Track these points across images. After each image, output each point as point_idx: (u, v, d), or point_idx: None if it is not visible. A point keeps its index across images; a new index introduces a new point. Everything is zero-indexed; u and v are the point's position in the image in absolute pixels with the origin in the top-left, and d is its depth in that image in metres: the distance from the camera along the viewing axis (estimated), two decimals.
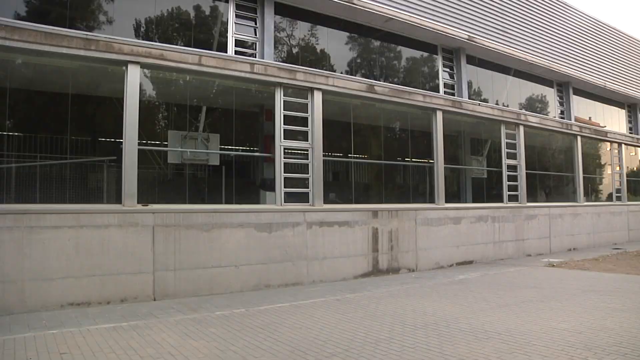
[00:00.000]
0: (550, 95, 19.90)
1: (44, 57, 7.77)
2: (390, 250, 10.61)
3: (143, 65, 8.12)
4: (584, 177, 16.78)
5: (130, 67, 7.90)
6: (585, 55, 20.06)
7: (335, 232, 9.77)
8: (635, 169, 21.45)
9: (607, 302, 7.37)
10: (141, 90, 8.29)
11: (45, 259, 6.94)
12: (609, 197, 19.00)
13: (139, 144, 7.93)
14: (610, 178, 19.08)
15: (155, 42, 9.71)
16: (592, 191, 19.19)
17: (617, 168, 18.88)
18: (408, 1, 13.73)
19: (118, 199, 7.94)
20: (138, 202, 7.80)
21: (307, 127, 9.78)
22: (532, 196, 14.87)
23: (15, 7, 9.61)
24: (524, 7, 17.56)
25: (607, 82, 20.89)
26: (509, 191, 13.73)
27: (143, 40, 10.11)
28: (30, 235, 6.88)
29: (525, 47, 17.23)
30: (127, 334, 5.63)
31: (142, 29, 11.07)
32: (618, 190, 18.79)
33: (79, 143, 11.48)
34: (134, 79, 7.93)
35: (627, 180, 19.09)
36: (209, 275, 8.21)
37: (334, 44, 13.49)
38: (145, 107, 10.71)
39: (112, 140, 11.62)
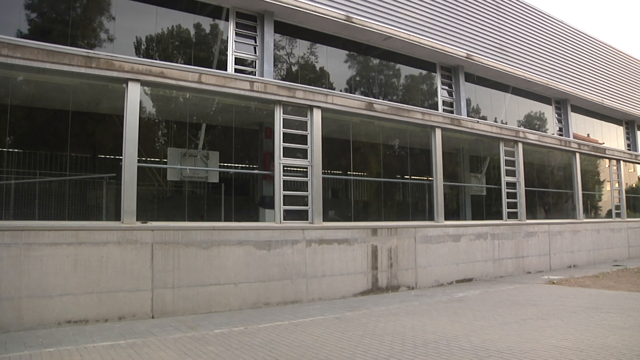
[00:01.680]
0: (549, 112, 20.00)
1: (46, 75, 7.82)
2: (389, 267, 10.58)
3: (143, 83, 8.16)
4: (583, 194, 16.78)
5: (130, 84, 7.95)
6: (583, 72, 20.21)
7: (335, 250, 9.74)
8: (634, 185, 21.48)
9: (608, 319, 7.33)
10: (141, 108, 8.32)
11: (43, 275, 6.91)
12: (609, 214, 19.00)
13: (139, 161, 7.94)
14: (610, 195, 19.08)
15: (156, 59, 9.77)
16: (591, 208, 19.18)
17: (616, 185, 18.89)
18: (407, 19, 13.86)
19: (117, 216, 7.93)
20: (137, 219, 7.79)
21: (307, 144, 9.80)
22: (531, 213, 14.87)
23: (18, 25, 9.69)
24: (521, 25, 17.73)
25: (604, 99, 21.01)
26: (508, 208, 13.73)
27: (144, 57, 10.16)
28: (28, 252, 6.86)
29: (523, 65, 17.36)
30: (124, 352, 5.58)
31: (142, 47, 11.15)
32: (617, 207, 18.79)
33: (78, 160, 11.50)
34: (134, 97, 7.97)
35: (626, 196, 19.10)
36: (207, 293, 8.17)
37: (333, 62, 13.59)
38: (145, 124, 10.75)
39: (112, 157, 11.64)
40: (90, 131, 11.69)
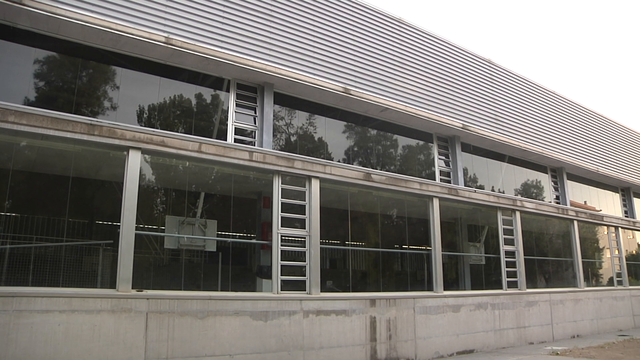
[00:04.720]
0: (545, 180, 20.19)
1: (49, 141, 7.91)
2: (388, 339, 10.33)
3: (144, 151, 8.27)
4: (583, 262, 16.62)
5: (131, 152, 8.05)
6: (578, 141, 20.58)
7: (333, 321, 9.55)
8: (634, 252, 21.33)
9: None
10: (141, 175, 8.38)
11: (31, 345, 6.71)
12: (610, 282, 18.72)
13: (136, 229, 7.93)
14: (610, 262, 18.90)
15: (157, 128, 9.96)
16: (592, 275, 18.94)
17: (616, 252, 18.77)
18: (403, 92, 14.25)
19: (112, 284, 7.83)
20: (133, 287, 7.68)
21: (305, 214, 9.80)
22: (531, 282, 14.67)
23: (26, 92, 9.95)
24: (515, 96, 18.22)
25: (599, 167, 21.26)
26: (508, 277, 13.56)
27: (145, 126, 10.36)
28: (18, 319, 6.69)
29: (518, 135, 17.69)
30: None
31: (144, 115, 11.38)
32: (619, 274, 18.55)
33: (76, 225, 11.45)
34: (134, 164, 8.06)
35: (626, 264, 18.90)
36: None
37: (332, 132, 13.84)
38: (144, 192, 10.79)
39: (110, 223, 11.61)
40: (89, 197, 11.71)
